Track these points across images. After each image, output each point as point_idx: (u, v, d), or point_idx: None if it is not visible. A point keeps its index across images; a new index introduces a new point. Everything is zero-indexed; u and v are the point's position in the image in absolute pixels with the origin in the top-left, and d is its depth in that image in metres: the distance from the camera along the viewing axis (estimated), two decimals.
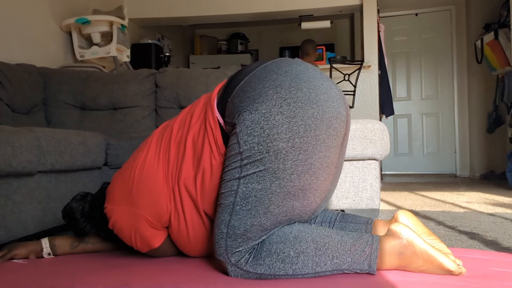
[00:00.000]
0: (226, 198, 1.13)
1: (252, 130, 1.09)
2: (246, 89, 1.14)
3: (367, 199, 2.26)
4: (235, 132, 1.12)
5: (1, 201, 1.52)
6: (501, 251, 1.48)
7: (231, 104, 1.16)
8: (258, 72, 1.17)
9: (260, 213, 1.11)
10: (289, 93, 1.10)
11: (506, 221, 2.10)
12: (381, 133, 2.24)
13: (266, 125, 1.08)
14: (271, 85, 1.11)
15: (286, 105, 1.09)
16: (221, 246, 1.13)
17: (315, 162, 1.12)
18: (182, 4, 4.86)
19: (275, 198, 1.10)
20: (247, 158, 1.10)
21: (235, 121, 1.12)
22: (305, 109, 1.10)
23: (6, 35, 2.90)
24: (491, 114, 5.27)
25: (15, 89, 2.47)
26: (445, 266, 1.11)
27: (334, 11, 4.94)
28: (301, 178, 1.11)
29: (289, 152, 1.08)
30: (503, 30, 4.63)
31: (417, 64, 6.11)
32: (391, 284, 1.07)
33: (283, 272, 1.11)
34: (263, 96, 1.10)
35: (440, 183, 4.62)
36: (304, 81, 1.13)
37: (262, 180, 1.09)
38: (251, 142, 1.09)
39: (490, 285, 1.07)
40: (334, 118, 1.14)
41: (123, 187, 1.28)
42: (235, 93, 1.16)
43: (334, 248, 1.11)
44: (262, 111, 1.09)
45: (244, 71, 1.22)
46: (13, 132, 1.55)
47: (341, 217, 1.38)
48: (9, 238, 1.55)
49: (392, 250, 1.12)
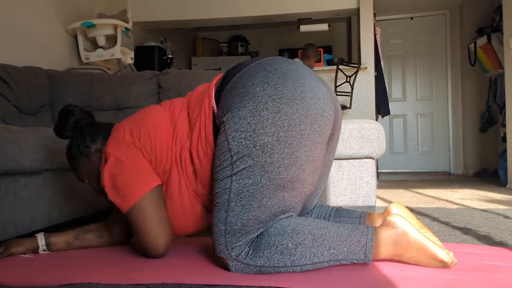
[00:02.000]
0: (221, 196, 1.14)
1: (240, 126, 1.11)
2: (238, 85, 1.16)
3: (364, 197, 2.26)
4: (224, 130, 1.14)
5: (9, 198, 1.52)
6: (494, 245, 1.48)
7: (224, 97, 1.18)
8: (251, 68, 1.19)
9: (254, 207, 1.12)
10: (275, 90, 1.12)
11: (499, 217, 2.10)
12: (377, 133, 2.24)
13: (253, 120, 1.10)
14: (259, 81, 1.14)
15: (271, 101, 1.11)
16: (221, 243, 1.14)
17: (300, 155, 1.13)
18: (185, 7, 4.86)
19: (266, 191, 1.12)
20: (236, 154, 1.11)
21: (224, 119, 1.14)
22: (290, 105, 1.11)
23: (14, 39, 2.91)
24: (484, 114, 5.28)
25: (22, 91, 2.47)
26: (438, 256, 1.11)
27: (331, 15, 4.94)
28: (288, 170, 1.12)
29: (275, 145, 1.10)
30: (495, 34, 4.64)
31: (412, 66, 6.11)
32: (386, 278, 1.07)
33: (282, 263, 1.11)
34: (251, 93, 1.12)
35: (435, 181, 4.62)
36: (291, 79, 1.15)
37: (252, 175, 1.11)
38: (239, 138, 1.11)
39: (483, 278, 1.07)
40: (319, 116, 1.15)
41: (127, 125, 1.31)
42: (228, 87, 1.19)
43: (331, 239, 1.12)
44: (249, 107, 1.11)
45: (240, 65, 1.24)
46: (20, 132, 1.56)
47: (335, 212, 1.39)
48: (17, 233, 1.56)
49: (387, 240, 1.13)
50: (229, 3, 4.81)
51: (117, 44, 3.53)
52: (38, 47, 3.16)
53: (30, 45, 3.07)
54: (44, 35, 3.24)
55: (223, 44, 6.85)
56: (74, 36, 3.59)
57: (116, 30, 3.55)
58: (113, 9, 4.31)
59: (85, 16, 3.75)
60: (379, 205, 2.62)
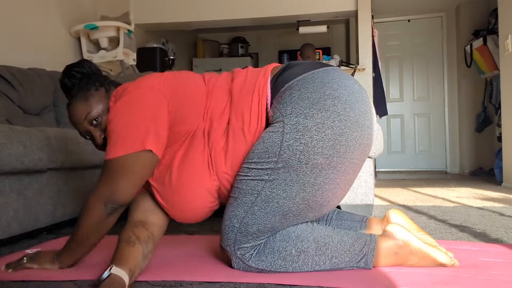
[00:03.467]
0: (245, 195, 1.09)
1: (302, 136, 1.03)
2: (308, 86, 1.07)
3: (362, 195, 2.26)
4: (282, 131, 1.04)
5: (14, 196, 1.52)
6: (489, 242, 1.48)
7: (288, 92, 1.08)
8: (321, 73, 1.11)
9: (276, 218, 1.09)
10: (344, 109, 1.05)
11: (494, 214, 2.10)
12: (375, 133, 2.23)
13: (316, 136, 1.03)
14: (331, 94, 1.06)
15: (338, 121, 1.04)
16: (230, 238, 1.12)
17: (340, 183, 1.10)
18: (186, 10, 4.85)
19: (295, 208, 1.08)
20: (283, 162, 1.04)
21: (285, 119, 1.05)
22: (352, 130, 1.06)
23: (19, 41, 2.91)
24: (480, 114, 5.28)
25: (26, 92, 2.47)
26: (438, 260, 1.11)
27: (330, 17, 4.93)
28: (324, 195, 1.09)
29: (324, 168, 1.05)
30: (491, 37, 4.64)
31: (409, 67, 6.10)
32: (384, 275, 1.07)
33: (283, 269, 1.10)
34: (321, 103, 1.04)
35: (431, 180, 4.62)
36: (358, 102, 1.09)
37: (289, 189, 1.06)
38: (295, 149, 1.03)
39: (478, 274, 1.07)
40: (368, 146, 1.13)
41: (153, 77, 1.16)
42: (296, 82, 1.09)
43: (334, 248, 1.11)
44: (316, 120, 1.03)
45: (304, 64, 1.15)
46: (24, 132, 1.56)
47: (337, 215, 1.37)
48: (21, 231, 1.56)
49: (388, 251, 1.12)
50: (230, 5, 4.81)
51: (120, 46, 3.53)
52: (42, 49, 3.16)
53: (34, 47, 3.07)
54: (48, 38, 3.24)
55: (223, 45, 6.84)
56: (77, 38, 3.59)
57: (119, 32, 3.55)
58: (116, 12, 4.31)
59: (88, 19, 3.74)
60: (377, 204, 2.62)
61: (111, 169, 1.06)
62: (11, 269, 1.17)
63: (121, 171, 1.05)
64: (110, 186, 1.06)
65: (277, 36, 6.90)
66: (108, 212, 1.07)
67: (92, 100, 1.17)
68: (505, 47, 3.77)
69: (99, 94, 1.19)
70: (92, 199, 1.07)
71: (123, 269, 0.98)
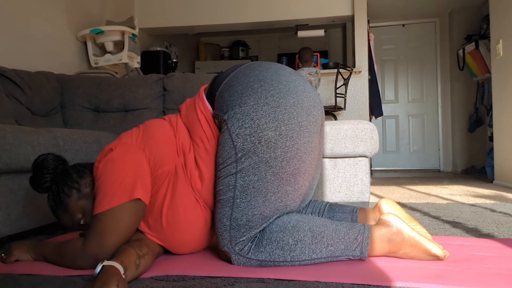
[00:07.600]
0: (225, 193, 1.11)
1: (243, 122, 1.08)
2: (233, 83, 1.14)
3: (358, 193, 2.26)
4: (227, 128, 1.10)
5: (22, 194, 1.52)
6: (481, 237, 1.47)
7: (220, 97, 1.15)
8: (242, 69, 1.19)
9: (259, 202, 1.10)
10: (272, 85, 1.11)
11: (486, 211, 2.09)
12: (370, 133, 2.24)
13: (256, 116, 1.08)
14: (255, 79, 1.13)
15: (270, 96, 1.10)
16: (225, 237, 1.12)
17: (300, 147, 1.12)
18: (188, 14, 4.86)
19: (271, 186, 1.10)
20: (241, 151, 1.08)
21: (225, 117, 1.11)
22: (287, 98, 1.10)
23: (27, 46, 2.91)
24: (472, 115, 5.28)
25: (34, 94, 2.47)
26: (431, 251, 1.11)
27: (328, 21, 4.93)
28: (290, 163, 1.11)
29: (278, 140, 1.08)
30: (483, 41, 4.64)
31: (404, 70, 6.10)
32: (380, 270, 1.07)
33: (282, 258, 1.11)
34: (249, 90, 1.11)
35: (425, 178, 4.62)
36: (282, 75, 1.15)
37: (258, 171, 1.09)
38: (243, 134, 1.08)
39: (471, 267, 1.07)
40: (312, 107, 1.15)
41: (128, 135, 1.20)
42: (223, 86, 1.16)
43: (329, 237, 1.11)
44: (250, 103, 1.09)
45: (228, 70, 1.23)
46: (32, 133, 1.56)
47: (329, 207, 1.38)
48: (29, 226, 1.56)
49: (382, 237, 1.13)
50: (231, 10, 4.81)
51: (125, 49, 3.53)
52: (50, 53, 3.16)
53: (42, 51, 3.07)
54: (55, 42, 3.24)
55: (224, 48, 6.85)
56: (83, 42, 3.59)
57: (124, 36, 3.55)
58: (121, 16, 4.31)
59: (94, 23, 3.75)
60: (372, 201, 2.62)
61: (100, 221, 1.07)
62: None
63: (111, 222, 1.07)
64: (99, 241, 1.06)
65: (276, 39, 6.91)
66: (90, 263, 1.08)
67: (70, 209, 1.18)
68: (497, 51, 3.77)
69: (73, 199, 1.18)
70: (81, 249, 1.08)
71: (114, 261, 0.97)
